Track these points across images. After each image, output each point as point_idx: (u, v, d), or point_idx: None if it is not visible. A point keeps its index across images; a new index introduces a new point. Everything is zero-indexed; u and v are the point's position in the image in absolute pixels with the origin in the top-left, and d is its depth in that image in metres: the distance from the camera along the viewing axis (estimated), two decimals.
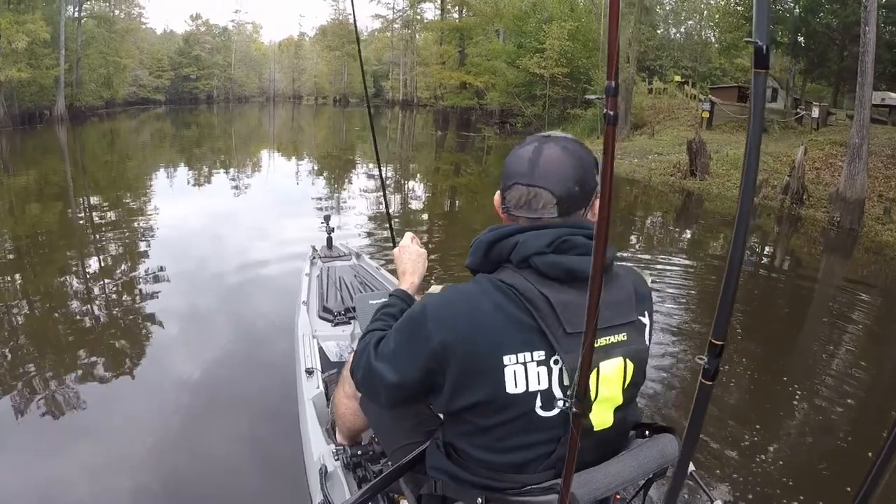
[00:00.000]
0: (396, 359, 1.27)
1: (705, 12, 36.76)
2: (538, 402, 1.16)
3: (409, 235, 1.79)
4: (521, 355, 1.15)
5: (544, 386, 1.16)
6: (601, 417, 1.21)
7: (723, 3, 29.18)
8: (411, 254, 1.72)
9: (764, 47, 0.91)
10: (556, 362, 1.15)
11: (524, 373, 1.15)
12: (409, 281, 1.67)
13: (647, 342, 1.29)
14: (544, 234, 1.19)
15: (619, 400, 1.22)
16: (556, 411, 1.17)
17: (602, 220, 0.84)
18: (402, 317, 1.32)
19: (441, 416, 1.44)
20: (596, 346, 1.13)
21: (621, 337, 1.20)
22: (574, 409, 0.96)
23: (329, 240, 4.58)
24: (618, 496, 1.44)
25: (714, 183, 13.22)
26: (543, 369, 1.16)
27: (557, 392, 1.16)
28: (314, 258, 4.40)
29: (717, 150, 14.88)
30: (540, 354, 1.15)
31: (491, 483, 1.23)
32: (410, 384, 1.26)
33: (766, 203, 11.65)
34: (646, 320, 1.29)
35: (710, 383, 1.09)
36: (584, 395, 0.96)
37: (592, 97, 19.14)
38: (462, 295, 1.22)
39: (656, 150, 16.49)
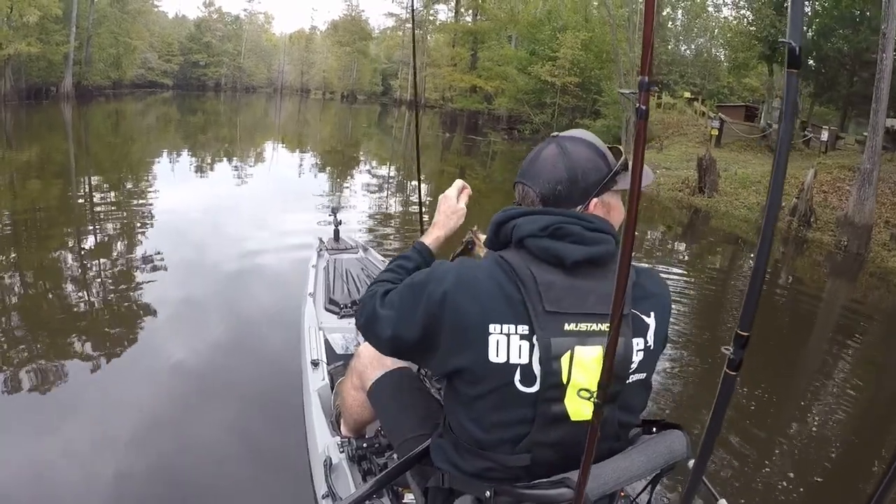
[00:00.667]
0: (399, 314, 1.30)
1: (716, 30, 36.77)
2: (518, 376, 1.18)
3: (458, 184, 1.71)
4: (506, 326, 1.18)
5: (525, 360, 1.18)
6: (576, 406, 1.20)
7: (734, 22, 29.23)
8: (448, 207, 1.67)
9: (797, 48, 0.97)
10: (538, 339, 1.17)
11: (507, 344, 1.18)
12: (433, 235, 1.64)
13: (651, 343, 1.26)
14: (539, 219, 1.23)
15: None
16: (535, 388, 1.18)
17: (632, 211, 0.87)
18: (412, 277, 1.34)
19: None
20: (573, 329, 1.18)
21: (604, 327, 1.19)
22: (596, 399, 0.96)
23: (336, 232, 4.56)
24: (622, 493, 1.45)
25: (722, 201, 13.10)
26: (525, 343, 1.18)
27: (537, 368, 1.18)
28: (321, 250, 4.38)
29: (726, 168, 14.76)
30: (524, 329, 1.18)
31: (495, 469, 1.25)
32: (409, 340, 1.30)
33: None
34: (650, 320, 1.27)
35: (734, 374, 1.13)
36: (607, 384, 0.95)
37: (625, 91, 19.03)
38: (464, 264, 1.29)
39: (664, 165, 16.40)
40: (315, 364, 2.76)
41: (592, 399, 0.97)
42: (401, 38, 55.61)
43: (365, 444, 2.12)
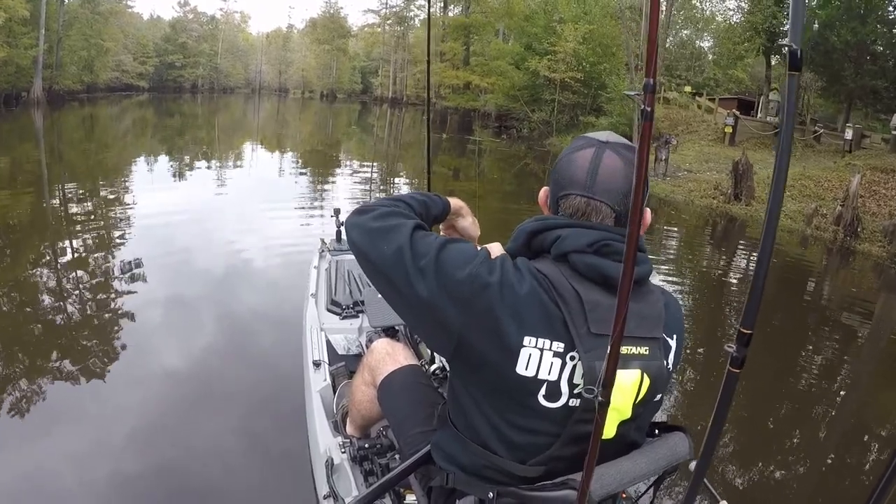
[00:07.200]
0: (438, 270, 1.16)
1: (700, 23, 36.40)
2: (543, 391, 1.15)
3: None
4: (541, 341, 1.13)
5: (553, 377, 1.14)
6: (606, 425, 1.13)
7: (721, 17, 28.95)
8: (466, 207, 1.57)
9: (798, 51, 0.96)
10: (571, 359, 1.13)
11: (538, 358, 1.13)
12: (457, 203, 1.51)
13: (671, 365, 1.25)
14: (586, 233, 1.17)
15: (627, 414, 1.19)
16: (560, 403, 1.15)
17: (635, 213, 0.87)
18: (451, 240, 1.21)
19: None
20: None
21: (643, 350, 1.17)
22: (600, 398, 0.97)
23: (338, 233, 4.52)
24: (624, 494, 1.44)
25: (762, 209, 12.05)
26: (558, 361, 1.14)
27: (564, 388, 1.15)
28: (323, 251, 4.37)
29: (756, 171, 13.88)
30: (559, 346, 1.14)
31: (499, 470, 1.21)
32: (434, 305, 1.16)
33: (819, 234, 10.81)
34: (673, 343, 1.26)
35: (737, 371, 1.14)
36: (610, 385, 0.96)
37: (631, 93, 18.39)
38: (506, 266, 1.18)
39: (685, 167, 15.55)
40: (317, 365, 2.79)
41: (595, 397, 0.98)
42: (380, 35, 54.78)
43: (367, 445, 2.10)
